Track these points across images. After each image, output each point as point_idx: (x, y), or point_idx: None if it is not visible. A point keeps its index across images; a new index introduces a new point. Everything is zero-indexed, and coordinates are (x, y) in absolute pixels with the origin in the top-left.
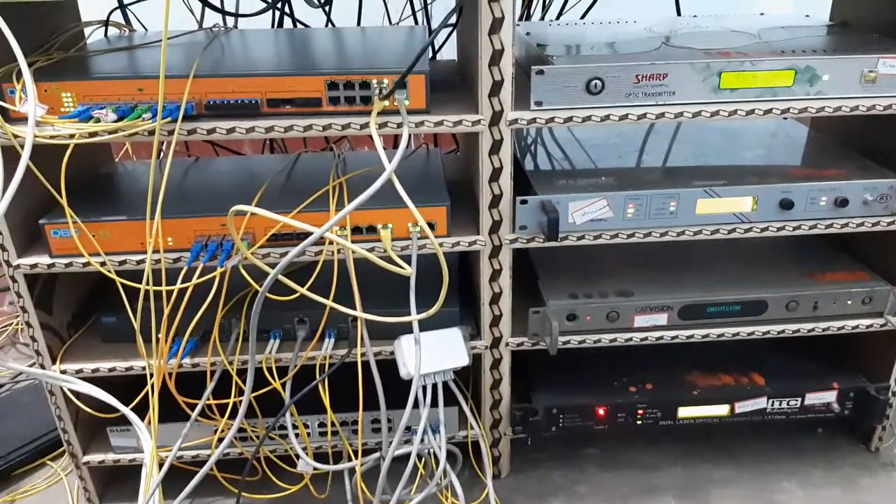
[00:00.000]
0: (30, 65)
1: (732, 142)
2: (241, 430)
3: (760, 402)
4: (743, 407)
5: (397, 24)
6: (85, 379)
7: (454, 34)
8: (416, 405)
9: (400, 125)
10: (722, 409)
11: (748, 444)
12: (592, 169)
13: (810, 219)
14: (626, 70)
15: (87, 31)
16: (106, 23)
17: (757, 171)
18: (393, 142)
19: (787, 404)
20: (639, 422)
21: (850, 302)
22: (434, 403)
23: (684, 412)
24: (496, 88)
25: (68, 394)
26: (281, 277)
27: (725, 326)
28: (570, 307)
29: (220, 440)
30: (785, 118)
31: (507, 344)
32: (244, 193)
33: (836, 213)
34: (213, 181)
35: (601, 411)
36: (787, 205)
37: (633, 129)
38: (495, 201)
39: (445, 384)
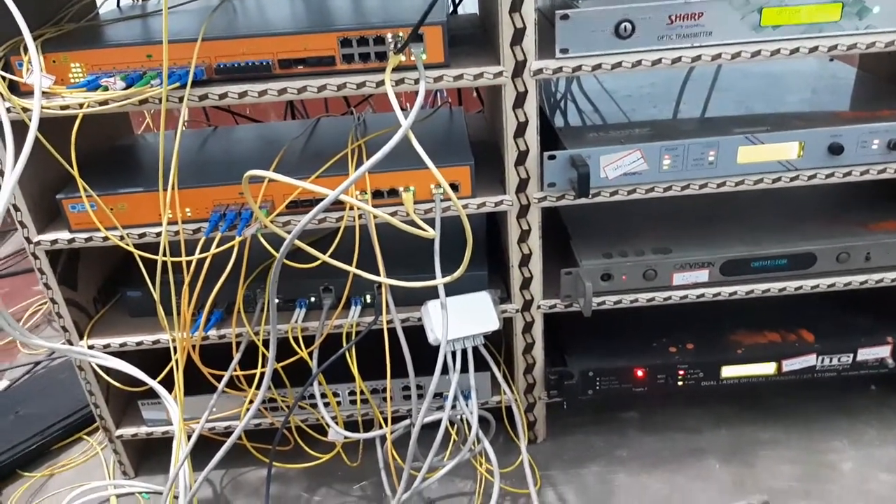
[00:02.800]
0: (39, 36)
1: (775, 87)
2: (271, 400)
3: (809, 360)
4: (791, 365)
5: None
6: (113, 353)
7: None
8: (445, 371)
9: (417, 81)
10: (768, 368)
11: (797, 404)
12: (625, 122)
13: (861, 164)
14: (657, 10)
15: (98, 1)
16: None
17: (803, 116)
18: (415, 101)
19: (838, 361)
20: (680, 383)
21: None
22: (464, 369)
23: (728, 372)
24: (518, 37)
25: (97, 369)
26: (302, 245)
27: (771, 282)
28: (604, 267)
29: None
30: (832, 59)
31: (538, 307)
32: (263, 160)
33: (890, 156)
34: (231, 149)
35: (640, 373)
36: (836, 149)
37: (667, 78)
38: (521, 158)
39: (475, 349)
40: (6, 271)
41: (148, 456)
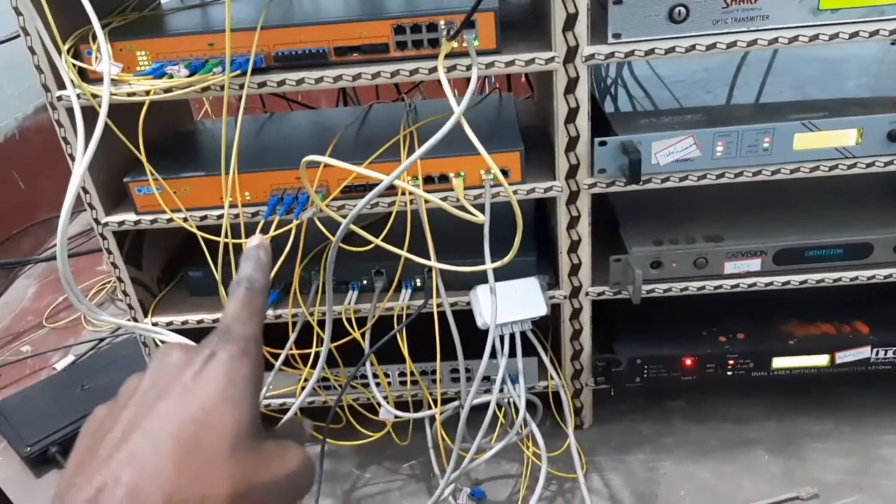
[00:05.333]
0: (106, 25)
1: (833, 72)
2: (324, 379)
3: (864, 352)
4: (844, 357)
5: None
6: (175, 331)
7: None
8: (494, 355)
9: (469, 67)
10: (821, 360)
11: (850, 397)
12: (678, 108)
13: None
14: None
15: None
16: None
17: (862, 102)
18: (465, 88)
19: (894, 354)
20: (729, 373)
21: None
22: (512, 353)
23: (779, 363)
24: (570, 22)
25: (160, 345)
26: (356, 228)
27: (826, 272)
28: (654, 254)
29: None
30: (893, 42)
31: (587, 293)
32: (317, 146)
33: None
34: (287, 135)
35: (688, 362)
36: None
37: (721, 63)
38: (572, 144)
39: (523, 334)
40: (71, 251)
41: None
